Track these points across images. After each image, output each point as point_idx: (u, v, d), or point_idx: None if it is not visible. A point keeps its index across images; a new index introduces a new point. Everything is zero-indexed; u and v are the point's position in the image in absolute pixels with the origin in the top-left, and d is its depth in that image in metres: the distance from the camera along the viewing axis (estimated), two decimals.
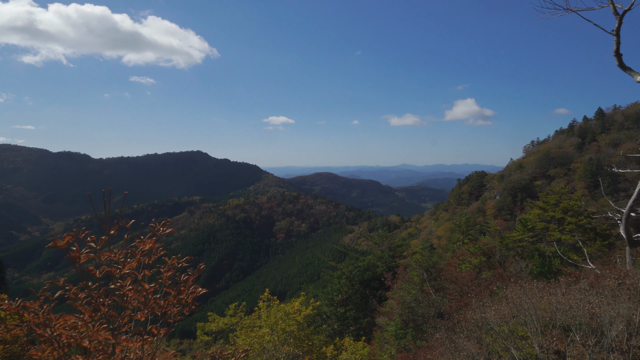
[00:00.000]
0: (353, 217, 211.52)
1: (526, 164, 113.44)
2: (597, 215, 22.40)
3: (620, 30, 3.75)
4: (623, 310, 8.94)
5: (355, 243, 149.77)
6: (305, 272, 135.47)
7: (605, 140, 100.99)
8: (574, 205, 22.84)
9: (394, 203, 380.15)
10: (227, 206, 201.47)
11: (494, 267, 17.29)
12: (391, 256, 24.99)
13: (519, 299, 10.00)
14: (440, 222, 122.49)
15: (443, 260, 21.35)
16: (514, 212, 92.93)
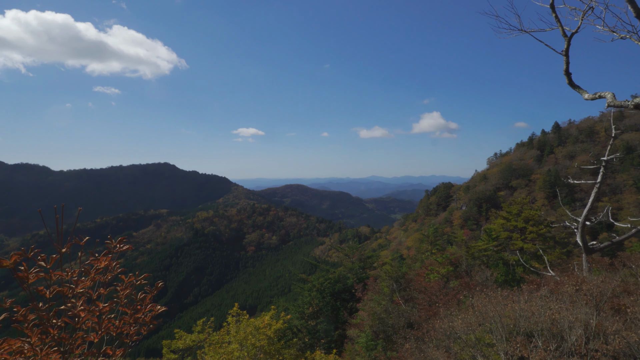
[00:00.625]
0: (324, 228, 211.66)
1: (490, 176, 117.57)
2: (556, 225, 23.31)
3: (569, 51, 3.99)
4: (581, 315, 9.31)
5: (326, 255, 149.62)
6: (276, 286, 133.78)
7: (562, 153, 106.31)
8: (535, 215, 23.74)
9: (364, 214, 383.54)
10: (195, 219, 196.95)
11: (461, 277, 17.66)
12: (361, 267, 25.09)
13: (485, 308, 10.24)
14: (410, 232, 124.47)
15: (412, 271, 21.63)
16: (480, 222, 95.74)
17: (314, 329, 21.81)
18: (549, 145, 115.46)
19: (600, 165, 15.39)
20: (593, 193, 15.46)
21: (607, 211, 17.13)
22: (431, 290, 16.04)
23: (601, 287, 11.07)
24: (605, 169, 15.31)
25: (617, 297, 11.23)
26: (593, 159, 15.69)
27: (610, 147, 15.20)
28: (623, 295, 11.38)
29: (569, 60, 4.06)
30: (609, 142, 15.16)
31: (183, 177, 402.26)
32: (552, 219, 30.54)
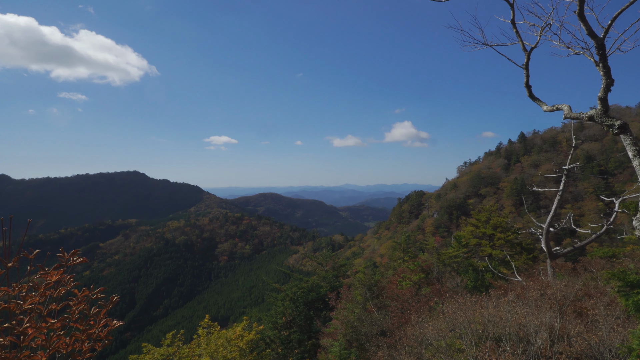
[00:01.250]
0: (298, 237, 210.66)
1: (460, 184, 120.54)
2: (523, 231, 24.07)
3: (528, 64, 4.17)
4: (546, 319, 9.60)
5: (300, 264, 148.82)
6: (249, 296, 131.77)
7: (527, 162, 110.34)
8: (503, 222, 24.45)
9: (338, 222, 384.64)
10: (166, 229, 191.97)
11: (432, 283, 17.91)
12: (335, 276, 25.07)
13: (455, 314, 10.41)
14: (383, 240, 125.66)
15: (385, 278, 21.78)
16: (451, 229, 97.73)
17: (287, 339, 21.55)
18: (516, 154, 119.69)
19: (562, 174, 16.06)
20: (556, 200, 16.10)
21: (570, 218, 17.85)
22: (403, 297, 16.18)
23: (564, 291, 11.47)
24: (566, 177, 15.99)
25: (579, 301, 11.64)
26: (556, 167, 16.36)
27: (571, 156, 15.90)
28: (585, 298, 11.80)
29: (529, 74, 4.23)
30: (570, 151, 15.86)
31: (153, 185, 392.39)
32: (519, 226, 31.50)
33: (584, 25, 3.35)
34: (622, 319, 9.28)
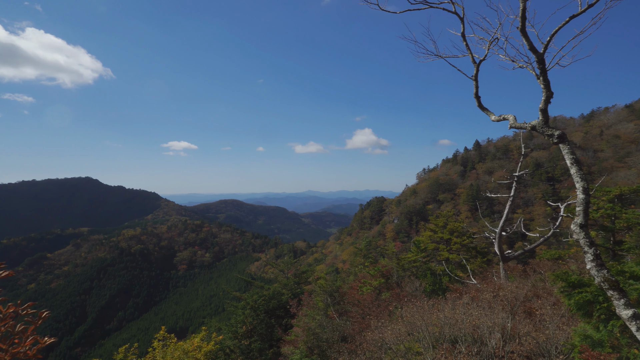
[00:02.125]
0: (260, 244, 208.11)
1: (419, 190, 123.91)
2: (477, 235, 24.99)
3: (477, 76, 4.38)
4: (498, 320, 10.00)
5: (262, 271, 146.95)
6: (209, 305, 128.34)
7: (482, 169, 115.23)
8: (459, 227, 25.32)
9: (300, 229, 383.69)
10: (120, 237, 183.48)
11: (392, 288, 18.21)
12: (296, 283, 24.95)
13: (413, 317, 10.62)
14: (345, 246, 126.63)
15: (346, 284, 21.92)
16: (410, 235, 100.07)
17: (248, 348, 21.17)
18: (471, 161, 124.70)
19: (513, 180, 16.88)
20: (507, 206, 16.88)
21: (520, 222, 18.76)
22: (364, 302, 16.34)
23: (515, 293, 12.00)
24: (517, 184, 16.81)
25: (529, 301, 12.20)
26: (507, 174, 17.17)
27: (520, 164, 16.73)
28: (534, 299, 12.37)
29: (478, 85, 4.43)
30: (520, 159, 16.70)
31: (107, 192, 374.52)
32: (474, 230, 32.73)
33: (526, 40, 3.56)
34: (567, 317, 9.83)
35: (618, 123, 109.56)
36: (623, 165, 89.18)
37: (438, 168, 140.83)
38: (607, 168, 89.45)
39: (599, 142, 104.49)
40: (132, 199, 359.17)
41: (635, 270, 5.64)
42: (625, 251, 14.11)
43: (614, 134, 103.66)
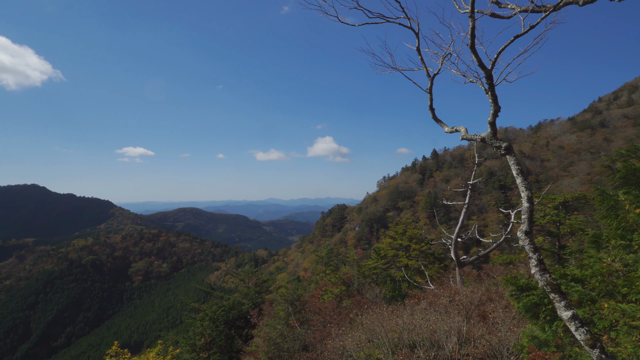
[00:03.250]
0: (220, 253, 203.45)
1: (380, 197, 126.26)
2: (435, 242, 25.75)
3: (432, 89, 4.57)
4: (454, 324, 10.32)
5: (222, 281, 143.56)
6: (166, 317, 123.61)
7: (439, 177, 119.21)
8: (417, 234, 26.01)
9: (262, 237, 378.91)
10: (70, 248, 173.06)
11: (353, 295, 18.35)
12: (257, 292, 24.59)
13: (373, 324, 10.75)
14: (307, 254, 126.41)
15: (307, 292, 21.85)
16: (371, 242, 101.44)
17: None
18: (429, 169, 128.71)
19: (468, 188, 17.57)
20: (463, 213, 17.52)
21: (474, 229, 19.51)
22: (325, 310, 16.35)
23: (470, 297, 12.44)
24: (471, 192, 17.50)
25: (483, 305, 12.68)
26: (462, 182, 17.87)
27: (474, 172, 17.46)
28: (487, 302, 12.87)
29: (432, 97, 4.62)
30: (474, 168, 17.43)
31: (56, 201, 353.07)
32: (432, 237, 33.68)
33: (475, 57, 3.76)
34: (517, 320, 10.31)
35: (562, 134, 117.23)
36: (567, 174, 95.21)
37: (398, 176, 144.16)
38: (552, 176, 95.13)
39: (545, 152, 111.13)
40: (84, 207, 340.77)
41: (576, 273, 6.02)
42: (568, 255, 14.99)
43: (558, 144, 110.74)
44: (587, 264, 6.38)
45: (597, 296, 5.65)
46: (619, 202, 6.28)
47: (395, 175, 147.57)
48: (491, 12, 4.22)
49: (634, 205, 5.72)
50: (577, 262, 7.53)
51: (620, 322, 4.91)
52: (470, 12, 3.65)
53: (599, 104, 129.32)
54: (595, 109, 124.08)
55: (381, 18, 4.57)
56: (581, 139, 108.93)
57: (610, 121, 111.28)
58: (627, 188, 5.87)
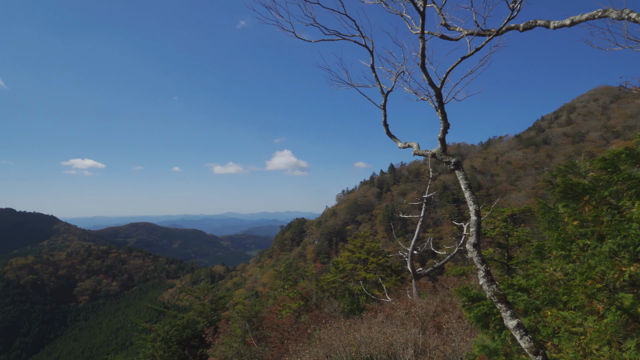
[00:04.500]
0: (174, 270, 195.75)
1: (339, 211, 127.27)
2: (392, 254, 26.19)
3: (386, 105, 4.71)
4: (411, 336, 10.47)
5: (176, 299, 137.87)
6: (114, 339, 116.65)
7: (396, 190, 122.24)
8: (375, 247, 26.36)
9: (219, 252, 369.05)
10: (7, 267, 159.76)
11: (311, 310, 18.20)
12: (213, 309, 23.82)
13: (330, 339, 10.69)
14: (265, 269, 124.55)
15: (265, 308, 21.45)
16: (330, 255, 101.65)
17: None
18: (387, 183, 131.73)
19: (423, 202, 18.09)
20: (418, 226, 17.97)
21: (429, 241, 20.05)
22: (283, 326, 16.09)
23: (425, 309, 12.71)
24: (426, 205, 18.03)
25: (438, 316, 12.98)
26: (418, 196, 18.41)
27: (429, 186, 18.03)
28: (442, 313, 13.19)
29: (386, 114, 4.75)
30: (429, 182, 17.99)
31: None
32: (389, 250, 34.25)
33: (426, 76, 3.92)
34: (470, 330, 10.63)
35: (510, 151, 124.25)
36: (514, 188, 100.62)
37: (357, 190, 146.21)
38: (502, 190, 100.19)
39: (495, 167, 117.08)
40: (25, 223, 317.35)
41: (522, 283, 6.31)
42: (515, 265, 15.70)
43: (507, 160, 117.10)
44: (532, 273, 6.70)
45: (541, 304, 5.94)
46: (559, 215, 6.69)
47: (354, 189, 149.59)
48: (441, 34, 4.43)
49: (572, 217, 6.10)
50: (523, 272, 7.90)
51: (562, 329, 5.17)
52: (421, 33, 3.81)
53: (542, 122, 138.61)
54: (539, 128, 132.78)
55: (337, 35, 4.67)
56: (527, 155, 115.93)
57: (552, 139, 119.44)
58: (565, 201, 6.27)
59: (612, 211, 5.64)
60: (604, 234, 5.42)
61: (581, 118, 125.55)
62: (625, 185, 5.55)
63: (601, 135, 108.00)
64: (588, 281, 4.94)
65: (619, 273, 4.93)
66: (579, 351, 4.79)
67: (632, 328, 4.33)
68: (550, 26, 3.96)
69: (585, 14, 3.74)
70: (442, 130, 4.00)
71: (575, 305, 5.16)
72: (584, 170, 7.00)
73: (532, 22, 4.04)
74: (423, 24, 3.81)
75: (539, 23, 4.01)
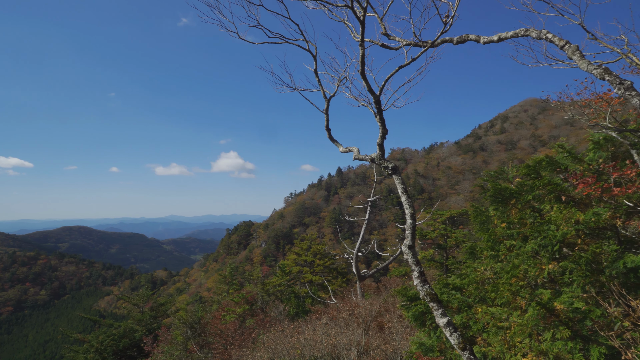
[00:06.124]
0: (112, 276, 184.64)
1: (287, 214, 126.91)
2: (338, 257, 26.55)
3: (328, 110, 4.79)
4: (354, 336, 10.67)
5: (114, 307, 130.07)
6: (42, 353, 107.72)
7: (344, 193, 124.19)
8: (321, 249, 26.58)
9: (161, 257, 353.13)
10: None
11: (256, 314, 17.98)
12: (153, 317, 22.77)
13: (275, 343, 10.62)
14: (211, 273, 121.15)
15: (209, 314, 20.87)
16: (278, 258, 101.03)
17: None
18: (334, 186, 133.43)
19: (368, 205, 18.53)
20: (363, 228, 18.37)
21: (374, 243, 20.57)
22: (227, 332, 15.75)
23: (369, 309, 13.00)
24: (371, 208, 18.49)
25: (381, 316, 13.33)
26: (364, 199, 18.83)
27: (374, 190, 18.50)
28: (384, 314, 13.57)
29: (329, 118, 4.84)
30: (374, 186, 18.47)
31: None
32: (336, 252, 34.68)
33: (365, 83, 4.05)
34: (410, 328, 11.03)
35: (450, 156, 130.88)
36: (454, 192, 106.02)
37: (304, 192, 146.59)
38: (442, 194, 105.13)
39: (436, 172, 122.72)
40: None
41: (456, 282, 6.67)
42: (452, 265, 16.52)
43: (447, 165, 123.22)
44: (465, 273, 7.11)
45: (473, 302, 6.31)
46: (489, 217, 7.16)
47: (302, 191, 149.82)
48: (381, 42, 4.58)
49: (501, 220, 6.55)
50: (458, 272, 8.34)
51: (490, 324, 5.53)
52: (361, 40, 3.93)
53: (479, 130, 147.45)
54: (476, 135, 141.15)
55: (281, 38, 4.68)
56: (465, 160, 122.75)
57: (488, 146, 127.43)
58: (495, 205, 6.72)
59: (535, 214, 6.13)
60: (527, 235, 5.87)
61: (513, 127, 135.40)
62: (546, 190, 6.05)
63: (530, 144, 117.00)
64: (513, 279, 5.32)
65: (540, 271, 5.37)
66: (504, 344, 5.15)
67: (549, 321, 4.72)
68: (480, 41, 4.24)
69: (511, 32, 4.05)
70: (381, 136, 4.14)
71: (501, 301, 5.54)
72: (511, 176, 7.56)
73: (464, 36, 4.30)
74: (363, 32, 3.93)
75: (470, 38, 4.27)
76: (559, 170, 6.39)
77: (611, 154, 5.96)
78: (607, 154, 5.98)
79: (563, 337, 4.49)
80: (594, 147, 6.25)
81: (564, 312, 4.65)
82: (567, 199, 5.86)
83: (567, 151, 6.42)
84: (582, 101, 6.09)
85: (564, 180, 6.19)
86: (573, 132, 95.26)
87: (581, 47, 3.68)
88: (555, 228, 5.35)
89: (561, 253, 5.55)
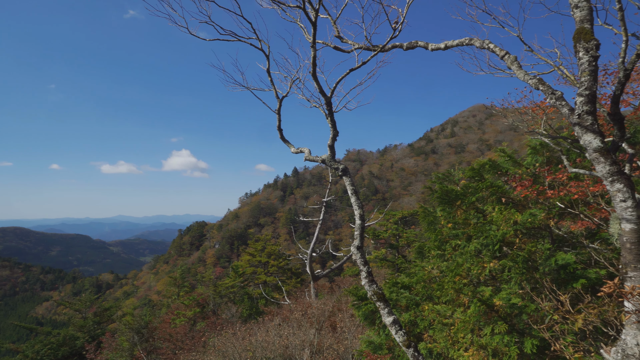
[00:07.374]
0: (51, 280, 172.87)
1: (242, 214, 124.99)
2: (293, 257, 26.51)
3: (280, 110, 4.76)
4: (307, 337, 10.69)
5: (54, 313, 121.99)
6: None
7: (299, 194, 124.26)
8: (276, 250, 26.42)
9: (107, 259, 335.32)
10: None
11: (208, 317, 17.56)
12: (97, 323, 21.58)
13: (226, 346, 10.42)
14: (161, 275, 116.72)
15: (158, 318, 20.12)
16: (232, 259, 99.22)
17: None
18: (290, 187, 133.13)
19: (322, 205, 18.65)
20: (317, 228, 18.46)
21: (328, 243, 20.73)
22: (177, 336, 15.27)
23: (322, 309, 13.08)
24: (326, 208, 18.62)
25: (333, 316, 13.45)
26: (319, 199, 18.93)
27: (329, 190, 18.65)
28: (337, 313, 13.70)
29: (280, 118, 4.81)
30: (329, 186, 18.61)
31: None
32: (290, 252, 34.62)
33: (317, 84, 4.06)
34: (362, 327, 11.21)
35: (403, 158, 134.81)
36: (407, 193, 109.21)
37: (260, 192, 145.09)
38: (396, 195, 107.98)
39: (390, 173, 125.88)
40: None
41: (405, 281, 6.87)
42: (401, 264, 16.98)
43: (400, 167, 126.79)
44: (414, 272, 7.32)
45: (421, 300, 6.52)
46: (437, 218, 7.42)
47: (257, 191, 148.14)
48: (334, 45, 4.62)
49: (447, 220, 6.82)
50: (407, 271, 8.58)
51: (436, 321, 5.74)
52: (312, 42, 3.94)
53: (430, 133, 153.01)
54: (428, 138, 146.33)
55: (233, 36, 4.59)
56: (418, 162, 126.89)
57: (439, 148, 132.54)
58: (442, 206, 6.98)
59: (478, 215, 6.44)
60: (471, 235, 6.16)
61: (462, 131, 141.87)
62: (489, 192, 6.38)
63: (478, 147, 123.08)
64: (457, 277, 5.56)
65: (482, 269, 5.64)
66: (448, 340, 5.36)
67: (489, 317, 4.97)
68: (429, 48, 4.38)
69: (457, 40, 4.22)
70: (332, 137, 4.18)
71: (446, 299, 5.76)
72: (457, 179, 7.90)
73: (413, 42, 4.43)
74: (314, 34, 3.94)
75: (419, 44, 4.41)
76: (501, 174, 6.76)
77: (546, 159, 6.40)
78: (543, 158, 6.41)
79: (501, 332, 4.75)
80: (531, 152, 6.68)
81: (503, 308, 4.92)
82: (507, 200, 6.20)
83: (507, 155, 6.80)
84: (521, 109, 6.50)
85: (505, 183, 6.56)
86: (517, 137, 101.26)
87: (520, 58, 3.92)
88: (496, 228, 5.65)
89: (501, 252, 5.87)
